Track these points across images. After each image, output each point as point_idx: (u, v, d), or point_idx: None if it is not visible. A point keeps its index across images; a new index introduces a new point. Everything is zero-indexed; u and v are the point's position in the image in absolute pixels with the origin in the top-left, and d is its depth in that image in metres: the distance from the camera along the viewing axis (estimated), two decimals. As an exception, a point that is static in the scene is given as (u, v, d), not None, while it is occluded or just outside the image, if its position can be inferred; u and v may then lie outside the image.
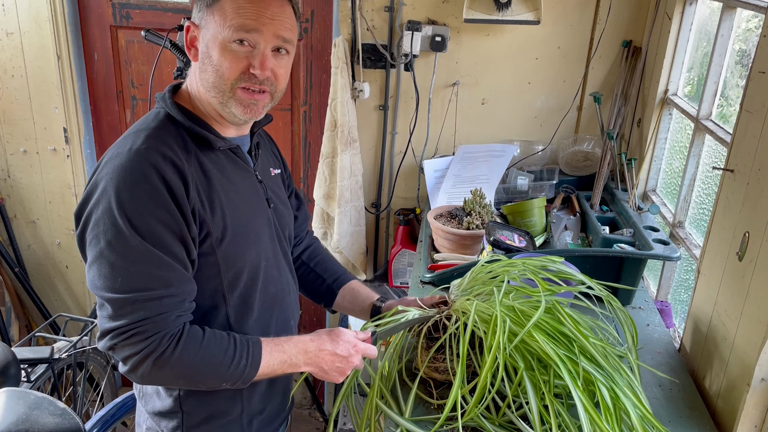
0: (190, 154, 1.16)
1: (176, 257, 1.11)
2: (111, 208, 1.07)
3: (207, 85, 1.19)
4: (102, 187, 1.09)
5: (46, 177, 2.87)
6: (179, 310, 1.12)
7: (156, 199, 1.08)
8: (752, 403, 1.29)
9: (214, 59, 1.16)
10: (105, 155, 1.15)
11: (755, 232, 1.31)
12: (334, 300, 1.55)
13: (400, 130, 2.59)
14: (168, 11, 2.61)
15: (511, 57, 2.45)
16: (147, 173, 1.08)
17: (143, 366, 1.09)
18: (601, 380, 1.16)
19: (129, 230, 1.07)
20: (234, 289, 1.24)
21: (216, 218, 1.17)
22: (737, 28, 1.77)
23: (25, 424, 1.50)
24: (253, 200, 1.27)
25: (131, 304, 1.07)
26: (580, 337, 1.23)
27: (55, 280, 3.08)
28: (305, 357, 1.23)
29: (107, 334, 1.09)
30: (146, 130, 1.15)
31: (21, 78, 2.70)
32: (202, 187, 1.16)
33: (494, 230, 1.84)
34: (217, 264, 1.20)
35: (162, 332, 1.09)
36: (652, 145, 2.20)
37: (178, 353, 1.10)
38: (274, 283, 1.34)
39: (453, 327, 1.34)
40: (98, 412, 2.05)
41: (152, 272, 1.08)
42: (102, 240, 1.08)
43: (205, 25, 1.17)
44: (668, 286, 2.02)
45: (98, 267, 1.08)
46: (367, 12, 2.44)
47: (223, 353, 1.15)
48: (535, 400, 1.17)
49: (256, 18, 1.14)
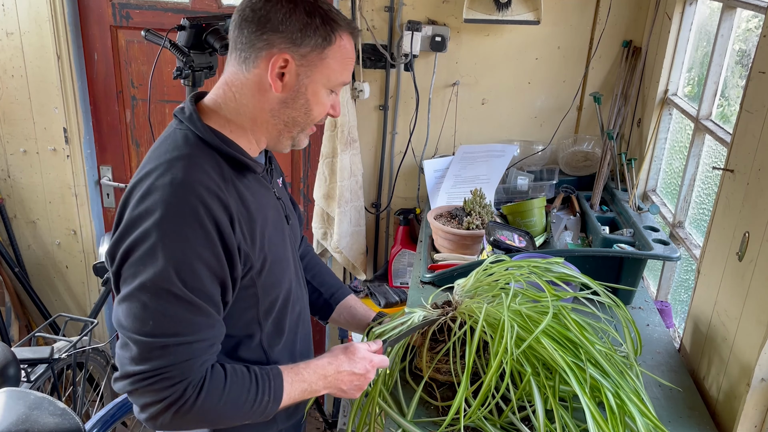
0: (228, 183, 1.10)
1: (213, 302, 1.07)
2: (154, 248, 1.01)
3: (286, 118, 1.16)
4: (145, 226, 1.02)
5: (46, 177, 2.87)
6: (206, 355, 1.07)
7: (204, 241, 1.04)
8: (752, 403, 1.29)
9: (310, 100, 1.15)
10: (137, 188, 1.07)
11: (755, 232, 1.31)
12: (330, 314, 1.54)
13: (400, 130, 2.59)
14: (168, 11, 2.61)
15: (511, 57, 2.45)
16: (195, 210, 1.03)
17: (164, 416, 1.04)
18: (608, 387, 1.17)
19: (171, 273, 1.01)
20: (269, 316, 1.22)
21: (256, 249, 1.14)
22: (737, 28, 1.77)
23: (25, 424, 1.50)
24: (278, 222, 1.24)
25: (160, 349, 1.02)
26: (587, 344, 1.23)
27: (55, 280, 3.07)
28: (324, 382, 1.21)
29: (129, 377, 1.03)
30: (182, 158, 1.08)
31: (21, 78, 2.70)
32: (244, 219, 1.11)
33: (494, 230, 1.84)
34: (256, 295, 1.17)
35: (186, 380, 1.03)
36: (652, 145, 2.20)
37: (201, 401, 1.05)
38: (299, 301, 1.33)
39: (458, 330, 1.33)
40: (98, 412, 2.05)
41: (186, 317, 1.04)
42: (139, 278, 1.02)
43: (309, 65, 1.12)
44: (668, 286, 2.02)
45: (129, 306, 1.03)
46: (367, 12, 2.44)
47: (246, 393, 1.11)
48: (541, 404, 1.17)
49: (351, 71, 1.19)
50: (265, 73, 1.12)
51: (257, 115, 1.15)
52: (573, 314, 1.29)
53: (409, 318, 1.41)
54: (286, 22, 1.09)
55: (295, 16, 1.09)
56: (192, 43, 1.90)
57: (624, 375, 1.22)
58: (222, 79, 1.18)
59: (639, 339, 1.42)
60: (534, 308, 1.30)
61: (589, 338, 1.24)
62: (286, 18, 1.09)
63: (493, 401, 1.23)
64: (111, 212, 2.99)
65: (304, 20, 1.10)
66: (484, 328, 1.26)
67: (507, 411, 1.26)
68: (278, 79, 1.12)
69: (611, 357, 1.24)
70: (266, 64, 1.11)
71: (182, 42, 1.91)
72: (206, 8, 2.59)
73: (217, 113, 1.16)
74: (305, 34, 1.10)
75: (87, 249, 2.97)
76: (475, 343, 1.24)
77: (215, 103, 1.17)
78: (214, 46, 1.90)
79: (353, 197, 2.54)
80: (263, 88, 1.13)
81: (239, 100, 1.15)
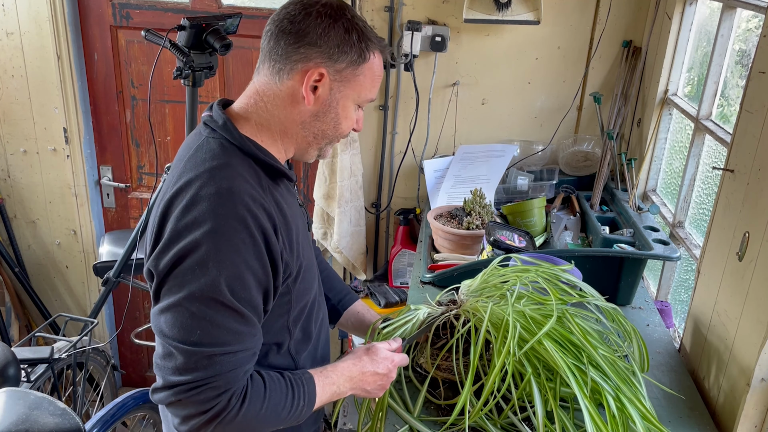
0: (266, 192, 1.11)
1: (256, 312, 1.08)
2: (205, 258, 1.01)
3: (315, 131, 1.17)
4: (194, 236, 1.01)
5: (46, 177, 2.87)
6: (249, 365, 1.07)
7: (252, 251, 1.04)
8: (752, 403, 1.29)
9: (339, 114, 1.16)
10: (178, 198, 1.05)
11: (755, 232, 1.31)
12: (338, 320, 1.54)
13: (400, 130, 2.59)
14: (168, 11, 2.61)
15: (511, 57, 2.45)
16: (244, 220, 1.03)
17: (207, 427, 1.02)
18: (609, 391, 1.17)
19: (222, 283, 1.01)
20: (297, 323, 1.23)
21: (294, 257, 1.14)
22: (737, 28, 1.77)
23: (25, 424, 1.50)
24: (304, 228, 1.25)
25: (207, 359, 1.01)
26: (589, 347, 1.23)
27: (55, 280, 3.07)
28: (351, 384, 1.21)
29: (172, 388, 1.02)
30: (223, 167, 1.07)
31: (21, 78, 2.70)
32: (282, 227, 1.11)
33: (494, 230, 1.84)
34: (290, 302, 1.18)
35: (231, 390, 1.03)
36: (652, 145, 2.20)
37: (244, 411, 1.04)
38: (321, 307, 1.34)
39: (461, 327, 1.34)
40: (98, 412, 2.05)
41: (233, 327, 1.03)
42: (187, 288, 1.01)
43: (342, 80, 1.13)
44: (668, 286, 2.02)
45: (174, 315, 1.02)
46: (367, 12, 2.44)
47: (284, 399, 1.11)
48: (541, 405, 1.18)
49: (378, 88, 1.20)
50: (299, 86, 1.12)
51: (288, 126, 1.16)
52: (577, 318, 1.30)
53: (414, 315, 1.41)
54: (324, 36, 1.10)
55: (333, 31, 1.10)
56: (192, 43, 1.90)
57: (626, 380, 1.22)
58: (252, 87, 1.17)
59: (646, 355, 1.41)
60: (538, 310, 1.30)
61: (591, 342, 1.25)
62: (324, 33, 1.09)
63: (493, 401, 1.24)
64: (111, 212, 2.99)
65: (342, 36, 1.11)
66: (488, 327, 1.26)
67: (507, 410, 1.27)
68: (311, 93, 1.13)
69: (614, 361, 1.25)
70: (301, 77, 1.11)
71: (182, 42, 1.91)
72: (206, 8, 2.59)
73: (247, 121, 1.16)
74: (342, 50, 1.11)
75: (87, 249, 2.98)
76: (481, 343, 1.25)
77: (245, 112, 1.17)
78: (214, 46, 1.90)
79: (353, 197, 2.54)
80: (296, 100, 1.13)
81: (270, 110, 1.15)
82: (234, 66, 2.68)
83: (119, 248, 2.44)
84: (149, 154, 2.87)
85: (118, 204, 2.97)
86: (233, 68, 2.68)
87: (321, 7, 1.10)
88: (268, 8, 2.59)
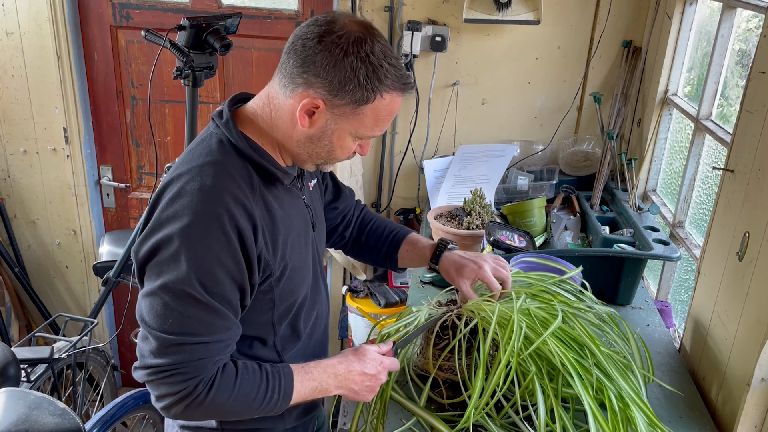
0: (256, 192, 1.13)
1: (231, 306, 1.11)
2: (178, 252, 1.05)
3: (309, 151, 1.17)
4: (171, 230, 1.06)
5: (46, 177, 2.86)
6: (220, 355, 1.11)
7: (226, 248, 1.07)
8: (752, 403, 1.29)
9: (334, 143, 1.15)
10: (168, 189, 1.10)
11: (755, 232, 1.31)
12: (397, 263, 1.54)
13: (400, 130, 2.59)
14: (168, 11, 2.61)
15: (511, 57, 2.45)
16: (219, 218, 1.06)
17: (177, 407, 1.10)
18: (611, 389, 1.17)
19: (192, 278, 1.05)
20: (283, 320, 1.25)
21: (277, 258, 1.16)
22: (737, 28, 1.77)
23: (25, 424, 1.50)
24: (302, 230, 1.26)
25: (177, 346, 1.07)
26: (593, 347, 1.23)
27: (55, 280, 3.07)
28: (335, 381, 1.22)
29: (147, 369, 1.09)
30: (213, 164, 1.11)
31: (21, 78, 2.70)
32: (267, 229, 1.14)
33: (494, 230, 1.84)
34: (272, 300, 1.20)
35: (198, 377, 1.08)
36: (652, 145, 2.20)
37: (211, 397, 1.10)
38: (314, 306, 1.34)
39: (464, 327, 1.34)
40: (98, 412, 2.05)
41: (204, 319, 1.08)
42: (162, 278, 1.06)
43: (340, 114, 1.12)
44: (668, 286, 2.02)
45: (151, 302, 1.07)
46: (367, 12, 2.44)
47: (255, 390, 1.14)
48: (544, 404, 1.18)
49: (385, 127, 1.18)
50: (297, 106, 1.11)
51: (284, 139, 1.17)
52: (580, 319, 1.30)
53: (416, 317, 1.41)
54: (328, 70, 1.07)
55: (339, 66, 1.07)
56: (192, 43, 1.90)
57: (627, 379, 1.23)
58: (267, 89, 1.18)
59: (650, 364, 1.41)
60: (542, 310, 1.30)
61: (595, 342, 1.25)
62: (329, 66, 1.07)
63: (492, 401, 1.24)
64: (111, 212, 2.99)
65: (346, 74, 1.07)
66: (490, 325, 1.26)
67: (507, 408, 1.27)
68: (306, 116, 1.12)
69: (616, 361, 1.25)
70: (299, 100, 1.11)
71: (182, 42, 1.91)
72: (206, 8, 2.59)
73: (253, 122, 1.18)
74: (342, 89, 1.08)
75: (87, 249, 2.98)
76: (489, 342, 1.25)
77: (253, 112, 1.18)
78: (214, 46, 1.90)
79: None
80: (294, 119, 1.13)
81: (274, 118, 1.16)
82: (234, 66, 2.68)
83: (119, 248, 2.44)
84: (149, 154, 2.87)
85: (118, 204, 2.97)
86: (233, 68, 2.68)
87: (337, 38, 1.07)
88: (268, 8, 2.60)
